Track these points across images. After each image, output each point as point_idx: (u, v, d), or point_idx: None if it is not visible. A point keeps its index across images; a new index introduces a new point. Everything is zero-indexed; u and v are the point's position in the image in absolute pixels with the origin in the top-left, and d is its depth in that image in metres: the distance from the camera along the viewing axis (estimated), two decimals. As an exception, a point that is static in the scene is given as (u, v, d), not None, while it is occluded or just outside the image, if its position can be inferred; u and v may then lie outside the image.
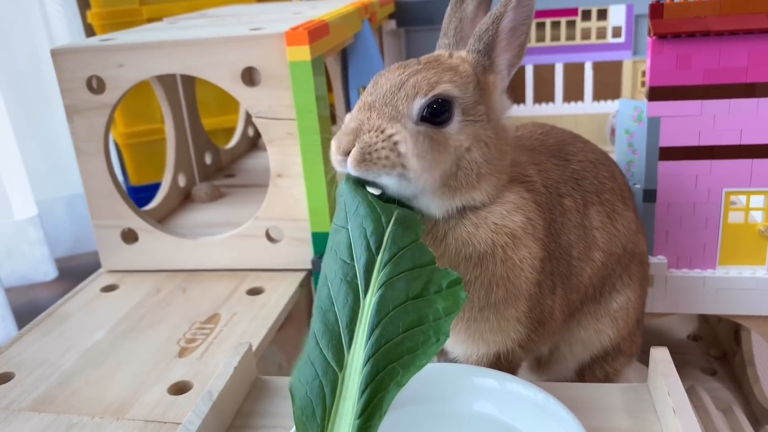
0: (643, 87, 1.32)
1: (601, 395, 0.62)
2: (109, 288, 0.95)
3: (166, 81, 1.14)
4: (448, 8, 0.66)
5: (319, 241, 0.91)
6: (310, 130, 0.86)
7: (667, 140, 0.78)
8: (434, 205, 0.57)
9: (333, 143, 0.55)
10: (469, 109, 0.57)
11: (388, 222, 0.50)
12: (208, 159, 1.31)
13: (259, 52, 0.85)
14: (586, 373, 0.74)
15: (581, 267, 0.65)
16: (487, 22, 0.58)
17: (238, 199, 1.21)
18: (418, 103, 0.55)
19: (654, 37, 0.75)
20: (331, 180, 0.89)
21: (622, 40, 1.29)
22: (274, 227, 0.94)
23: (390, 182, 0.53)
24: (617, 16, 1.28)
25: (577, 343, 0.71)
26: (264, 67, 0.86)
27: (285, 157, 0.90)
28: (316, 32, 0.85)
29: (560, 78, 1.34)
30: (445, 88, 0.55)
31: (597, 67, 1.33)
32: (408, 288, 0.47)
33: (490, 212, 0.58)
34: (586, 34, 1.30)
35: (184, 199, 1.20)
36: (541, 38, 1.31)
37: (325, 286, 0.49)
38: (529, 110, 1.36)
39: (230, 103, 1.54)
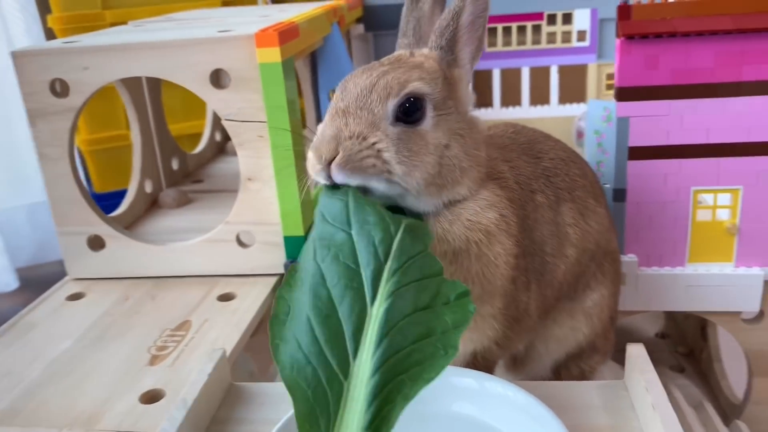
0: (608, 90, 1.34)
1: (579, 393, 0.62)
2: (75, 296, 0.92)
3: (132, 85, 1.11)
4: (404, 8, 0.67)
5: (292, 245, 0.90)
6: (282, 133, 0.85)
7: (636, 140, 0.79)
8: (422, 203, 0.57)
9: (311, 153, 0.54)
10: (439, 105, 0.57)
11: (396, 231, 0.50)
12: (175, 164, 1.29)
13: (228, 54, 0.84)
14: (562, 371, 0.74)
15: (555, 263, 0.66)
16: (446, 17, 0.59)
17: (207, 205, 1.19)
18: (392, 104, 0.55)
19: (622, 39, 0.76)
20: (304, 184, 0.88)
21: (587, 43, 1.31)
22: (245, 232, 0.92)
23: (378, 185, 0.54)
24: (582, 20, 1.30)
25: (552, 341, 0.71)
26: (233, 69, 0.85)
27: (255, 160, 0.88)
28: (286, 34, 0.84)
29: (527, 82, 1.35)
30: (415, 86, 0.56)
31: (563, 70, 1.34)
32: (416, 299, 0.47)
33: (464, 208, 0.58)
34: (551, 38, 1.32)
35: (150, 205, 1.18)
36: (507, 42, 1.32)
37: (323, 288, 0.48)
38: (496, 114, 1.37)
39: (197, 108, 1.52)
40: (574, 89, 1.36)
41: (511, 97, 1.36)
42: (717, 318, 0.87)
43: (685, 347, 1.21)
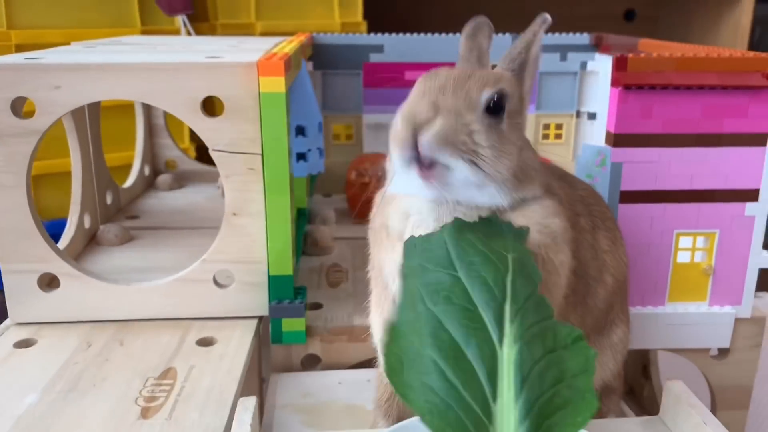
0: (544, 139, 1.41)
1: (623, 429, 0.62)
2: (25, 343, 0.81)
3: (76, 111, 1.02)
4: (464, 39, 0.68)
5: (279, 285, 0.85)
6: (280, 165, 0.81)
7: (627, 184, 0.83)
8: (502, 195, 0.56)
9: (401, 122, 0.52)
10: (513, 114, 0.58)
11: (506, 269, 0.48)
12: (109, 198, 1.19)
13: (222, 82, 0.80)
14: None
15: (596, 288, 0.67)
16: (519, 46, 0.62)
17: (149, 242, 1.10)
18: (486, 94, 0.55)
19: (620, 88, 0.80)
20: (294, 220, 0.84)
21: (527, 94, 1.37)
22: (223, 271, 0.86)
23: (463, 169, 0.52)
24: (523, 72, 1.36)
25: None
26: (228, 98, 0.80)
27: (243, 194, 0.83)
28: (288, 64, 0.81)
29: (471, 127, 1.39)
30: (506, 84, 0.57)
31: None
32: (543, 342, 0.46)
33: (534, 211, 0.58)
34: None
35: (88, 241, 1.07)
36: (454, 89, 1.35)
37: (443, 331, 0.46)
38: (441, 157, 1.39)
39: (125, 139, 1.42)
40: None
41: (455, 142, 1.39)
42: (688, 354, 0.92)
43: (625, 386, 1.26)
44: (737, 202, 0.84)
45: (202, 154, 1.77)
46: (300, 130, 1.02)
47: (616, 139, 0.82)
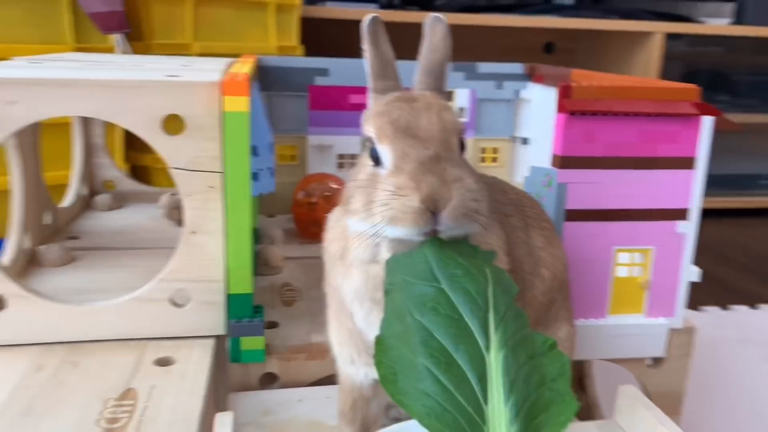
0: (482, 162, 1.47)
1: (582, 433, 0.66)
2: (-31, 368, 0.78)
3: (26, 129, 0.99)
4: (368, 53, 0.67)
5: (238, 303, 0.85)
6: (241, 184, 0.81)
7: (572, 203, 0.89)
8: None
9: (418, 202, 0.51)
10: None
11: (486, 281, 0.51)
12: (47, 218, 1.15)
13: (184, 100, 0.80)
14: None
15: (533, 282, 0.71)
16: (440, 60, 0.64)
17: (92, 263, 1.08)
18: (458, 142, 0.57)
19: (566, 114, 0.86)
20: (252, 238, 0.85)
21: (466, 120, 1.43)
22: (180, 290, 0.85)
23: (472, 228, 0.54)
24: (462, 98, 1.42)
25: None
26: (190, 116, 0.80)
27: (203, 212, 0.83)
28: (248, 84, 0.82)
29: (412, 150, 1.43)
30: (462, 122, 0.59)
31: (439, 142, 1.44)
32: (525, 348, 0.49)
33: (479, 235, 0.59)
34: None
35: (28, 262, 1.04)
36: (396, 112, 1.39)
37: (433, 339, 0.48)
38: (383, 179, 1.42)
39: (61, 158, 1.38)
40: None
41: (397, 165, 1.43)
42: (625, 364, 0.98)
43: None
44: (669, 220, 0.91)
45: (137, 174, 1.73)
46: (251, 150, 1.03)
47: (563, 162, 0.87)
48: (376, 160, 0.57)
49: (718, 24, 2.77)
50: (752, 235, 2.49)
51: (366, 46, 0.67)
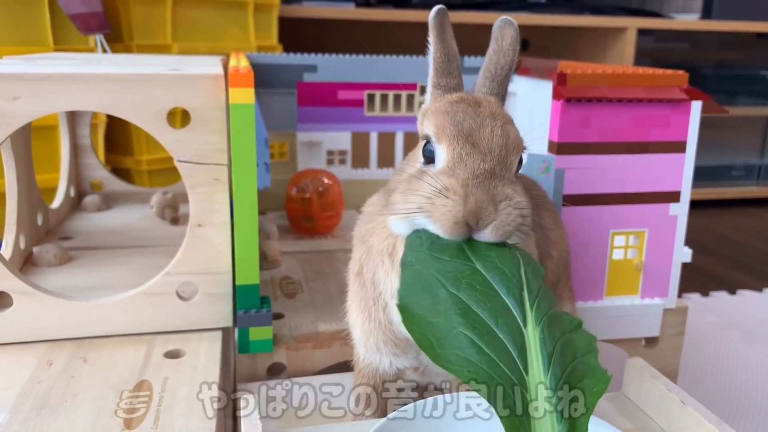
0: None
1: (594, 405, 0.68)
2: (-23, 365, 0.77)
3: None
4: (435, 44, 0.65)
5: (246, 294, 0.85)
6: (248, 175, 0.82)
7: (569, 188, 0.91)
8: None
9: (462, 217, 0.52)
10: None
11: (518, 263, 0.53)
12: (39, 219, 1.14)
13: (189, 93, 0.80)
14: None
15: (546, 263, 0.73)
16: (508, 64, 0.64)
17: (89, 262, 1.07)
18: (517, 160, 0.57)
19: (562, 101, 0.88)
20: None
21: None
22: (186, 283, 0.86)
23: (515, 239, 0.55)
24: (448, 92, 1.44)
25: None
26: (194, 109, 0.81)
27: (208, 204, 0.84)
28: (253, 76, 0.83)
29: (400, 144, 1.44)
30: (524, 141, 0.58)
31: (426, 137, 1.46)
32: (559, 325, 0.52)
33: None
34: (420, 107, 1.43)
35: (24, 263, 1.03)
36: (384, 108, 1.41)
37: (472, 312, 0.50)
38: (373, 174, 1.44)
39: (49, 160, 1.37)
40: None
41: (386, 159, 1.44)
42: (621, 344, 1.00)
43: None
44: (662, 203, 0.94)
45: (120, 175, 1.72)
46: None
47: (559, 148, 0.89)
48: (428, 159, 0.57)
49: (688, 19, 2.84)
50: (727, 225, 2.55)
51: (431, 39, 0.65)
